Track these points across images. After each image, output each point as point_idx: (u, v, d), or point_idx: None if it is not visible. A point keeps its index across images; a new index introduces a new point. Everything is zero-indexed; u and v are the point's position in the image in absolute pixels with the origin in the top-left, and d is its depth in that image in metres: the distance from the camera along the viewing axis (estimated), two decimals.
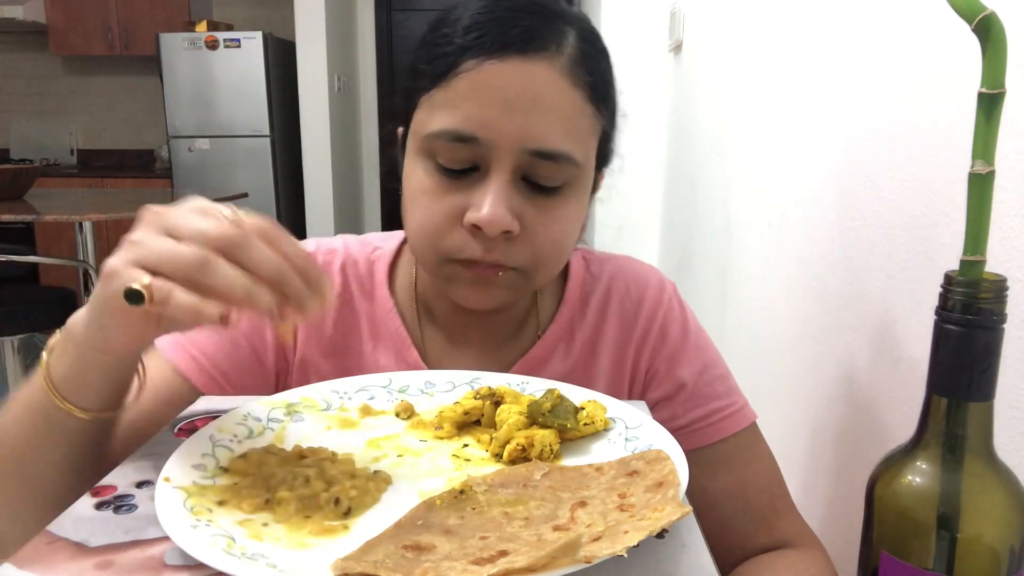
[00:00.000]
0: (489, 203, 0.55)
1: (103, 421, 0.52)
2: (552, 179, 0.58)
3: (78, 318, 0.49)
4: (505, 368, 0.68)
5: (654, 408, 0.67)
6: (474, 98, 0.56)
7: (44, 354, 0.51)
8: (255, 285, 0.42)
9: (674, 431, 0.51)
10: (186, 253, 0.42)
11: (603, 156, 0.65)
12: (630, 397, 0.70)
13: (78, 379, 0.49)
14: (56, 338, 0.51)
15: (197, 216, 0.44)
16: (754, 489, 0.68)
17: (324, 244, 0.72)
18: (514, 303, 0.68)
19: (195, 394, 0.61)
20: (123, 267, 0.43)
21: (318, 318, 0.46)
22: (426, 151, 0.58)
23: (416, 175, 0.59)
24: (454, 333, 0.70)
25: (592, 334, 0.70)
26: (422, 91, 0.59)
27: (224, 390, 0.64)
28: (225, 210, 0.44)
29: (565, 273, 0.72)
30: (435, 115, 0.57)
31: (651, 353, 0.70)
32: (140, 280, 0.42)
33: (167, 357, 0.63)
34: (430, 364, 0.69)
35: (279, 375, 0.68)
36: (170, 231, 0.43)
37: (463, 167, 0.57)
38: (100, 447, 0.53)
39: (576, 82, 0.57)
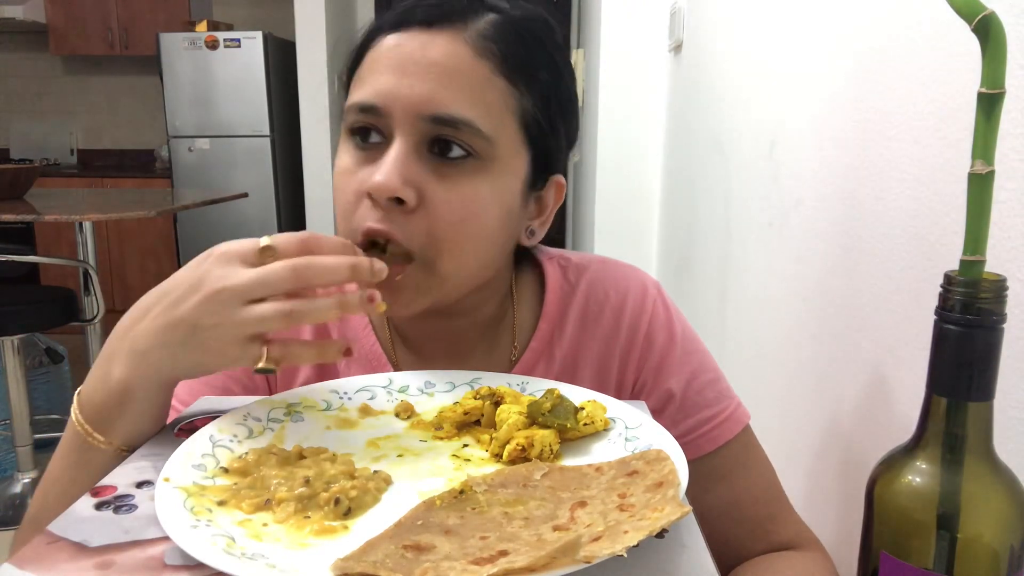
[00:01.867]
0: (382, 170, 0.54)
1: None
2: (455, 147, 0.56)
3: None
4: None
5: None
6: (376, 68, 0.57)
7: (76, 395, 0.53)
8: (352, 256, 0.47)
9: None
10: (273, 271, 0.46)
11: (546, 155, 0.61)
12: None
13: (108, 414, 0.51)
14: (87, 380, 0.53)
15: (245, 243, 0.48)
16: (749, 500, 0.67)
17: None
18: (439, 302, 0.60)
19: None
20: (237, 345, 0.47)
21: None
22: (345, 132, 0.59)
23: (339, 158, 0.60)
24: (424, 347, 0.68)
25: (573, 348, 0.68)
26: (348, 85, 0.61)
27: None
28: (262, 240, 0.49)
29: (543, 284, 0.70)
30: (350, 95, 0.59)
31: (637, 364, 0.68)
32: (259, 354, 0.47)
33: None
34: None
35: None
36: (237, 259, 0.48)
37: (371, 139, 0.57)
38: None
39: (481, 53, 0.56)
